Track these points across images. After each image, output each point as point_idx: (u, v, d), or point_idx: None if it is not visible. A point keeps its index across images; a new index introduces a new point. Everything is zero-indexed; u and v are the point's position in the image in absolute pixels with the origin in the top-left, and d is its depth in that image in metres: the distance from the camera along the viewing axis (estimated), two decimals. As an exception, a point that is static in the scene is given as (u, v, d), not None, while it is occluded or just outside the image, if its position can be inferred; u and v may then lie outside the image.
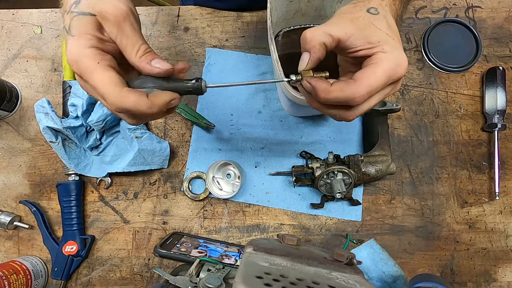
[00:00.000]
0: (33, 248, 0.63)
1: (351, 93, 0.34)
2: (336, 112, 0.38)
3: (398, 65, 0.35)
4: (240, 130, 0.65)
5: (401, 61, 0.35)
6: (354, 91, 0.34)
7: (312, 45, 0.36)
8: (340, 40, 0.36)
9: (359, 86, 0.34)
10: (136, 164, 0.60)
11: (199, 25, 0.67)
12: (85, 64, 0.33)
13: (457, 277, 0.62)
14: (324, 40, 0.35)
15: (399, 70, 0.35)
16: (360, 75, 0.35)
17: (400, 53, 0.35)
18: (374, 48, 0.35)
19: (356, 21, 0.36)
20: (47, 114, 0.57)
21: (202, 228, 0.63)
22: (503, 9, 0.67)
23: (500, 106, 0.62)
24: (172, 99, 0.35)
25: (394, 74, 0.35)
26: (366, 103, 0.36)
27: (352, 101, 0.35)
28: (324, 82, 0.35)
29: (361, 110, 0.37)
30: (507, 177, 0.64)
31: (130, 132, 0.60)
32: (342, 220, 0.63)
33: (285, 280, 0.31)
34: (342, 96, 0.35)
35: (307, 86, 0.37)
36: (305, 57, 0.37)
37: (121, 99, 0.33)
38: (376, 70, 0.35)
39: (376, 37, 0.35)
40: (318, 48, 0.36)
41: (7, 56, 0.67)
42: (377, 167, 0.58)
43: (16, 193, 0.64)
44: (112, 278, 0.62)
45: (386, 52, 0.35)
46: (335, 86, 0.35)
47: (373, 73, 0.35)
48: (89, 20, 0.34)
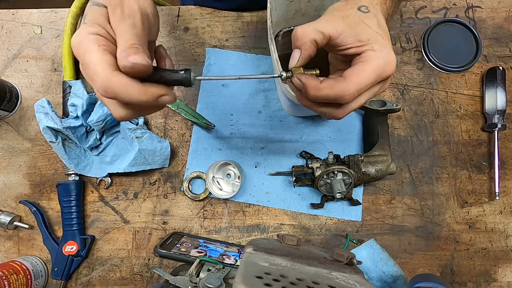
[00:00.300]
0: (33, 248, 0.63)
1: (341, 91, 0.34)
2: (326, 110, 0.38)
3: (387, 64, 0.35)
4: (240, 130, 0.65)
5: (390, 59, 0.35)
6: (343, 89, 0.34)
7: (303, 42, 0.36)
8: (331, 37, 0.36)
9: (349, 83, 0.34)
10: (137, 164, 0.60)
11: (199, 25, 0.67)
12: (85, 45, 0.32)
13: (457, 277, 0.62)
14: (315, 37, 0.35)
15: (388, 68, 0.35)
16: (349, 73, 0.35)
17: (389, 51, 0.35)
18: (364, 46, 0.35)
19: (347, 18, 0.36)
20: (47, 114, 0.57)
21: (202, 228, 0.63)
22: (503, 9, 0.67)
23: (500, 106, 0.62)
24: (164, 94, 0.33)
25: (383, 72, 0.35)
26: (356, 101, 0.37)
27: (341, 98, 0.35)
28: (314, 79, 0.35)
29: (350, 108, 0.37)
30: (507, 177, 0.64)
31: (130, 132, 0.60)
32: (342, 220, 0.63)
33: (285, 280, 0.31)
34: (332, 94, 0.35)
35: (297, 83, 0.37)
36: (296, 54, 0.37)
37: (111, 78, 0.31)
38: (365, 68, 0.35)
39: (366, 35, 0.35)
40: (309, 45, 0.36)
41: (7, 56, 0.67)
42: (377, 167, 0.58)
43: (16, 193, 0.64)
44: (112, 278, 0.62)
45: (375, 50, 0.35)
46: (324, 84, 0.35)
47: (362, 71, 0.35)
48: (101, 11, 0.34)
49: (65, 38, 0.63)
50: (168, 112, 0.65)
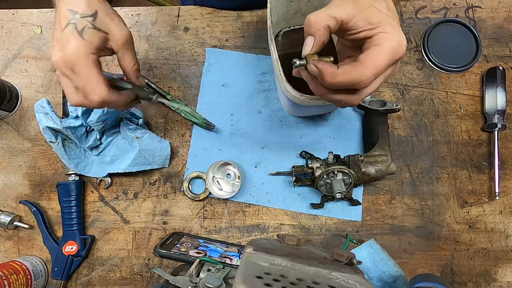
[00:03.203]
0: (33, 248, 0.63)
1: (358, 76, 0.34)
2: (341, 97, 0.38)
3: (400, 45, 0.35)
4: (240, 130, 0.65)
5: (402, 40, 0.35)
6: (361, 74, 0.34)
7: (317, 29, 0.36)
8: (343, 21, 0.36)
9: (366, 68, 0.34)
10: (137, 164, 0.60)
11: (199, 25, 0.67)
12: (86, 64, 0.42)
13: (457, 277, 0.62)
14: (328, 23, 0.35)
15: (401, 49, 0.35)
16: (365, 57, 0.35)
17: (400, 33, 0.35)
18: (376, 28, 0.35)
19: (358, 2, 0.36)
20: (46, 114, 0.57)
21: (202, 228, 0.63)
22: (503, 9, 0.67)
23: (500, 106, 0.62)
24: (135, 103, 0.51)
25: (397, 54, 0.35)
26: (371, 86, 0.36)
27: (358, 84, 0.35)
28: (331, 66, 0.35)
29: (365, 94, 0.37)
30: (507, 177, 0.64)
31: (130, 132, 0.60)
32: (342, 220, 0.63)
33: (285, 280, 0.31)
34: (349, 80, 0.35)
35: (314, 70, 0.36)
36: (309, 41, 0.37)
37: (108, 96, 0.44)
38: (380, 51, 0.35)
39: (377, 18, 0.35)
40: (323, 32, 0.36)
41: (7, 56, 0.67)
42: (377, 167, 0.58)
43: (16, 193, 0.64)
44: (112, 278, 0.62)
45: (387, 32, 0.35)
46: (342, 69, 0.35)
47: (378, 55, 0.35)
48: (101, 36, 0.42)
49: (65, 38, 0.63)
50: (168, 112, 0.65)
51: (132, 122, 0.62)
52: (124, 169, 0.60)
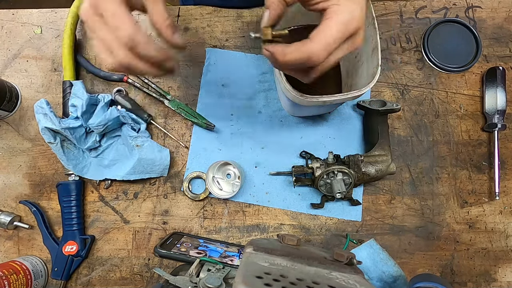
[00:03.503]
0: (33, 248, 0.63)
1: (308, 52, 0.34)
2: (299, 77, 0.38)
3: (352, 17, 0.34)
4: (240, 130, 0.65)
5: (355, 14, 0.35)
6: (310, 50, 0.34)
7: (271, 1, 0.36)
8: None
9: (315, 43, 0.34)
10: (135, 172, 0.60)
11: (199, 25, 0.67)
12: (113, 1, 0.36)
13: (457, 277, 0.62)
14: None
15: (354, 22, 0.35)
16: (315, 33, 0.35)
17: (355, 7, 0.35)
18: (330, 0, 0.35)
19: None
20: (45, 114, 0.57)
21: (202, 228, 0.63)
22: (503, 9, 0.67)
23: (500, 106, 0.62)
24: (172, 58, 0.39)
25: (349, 26, 0.35)
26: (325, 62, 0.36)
27: (311, 60, 0.35)
28: (280, 46, 0.35)
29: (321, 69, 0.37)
30: (507, 177, 0.64)
31: (131, 140, 0.60)
32: (342, 220, 0.63)
33: (285, 280, 0.31)
34: (299, 57, 0.34)
35: (266, 54, 0.37)
36: (266, 14, 0.37)
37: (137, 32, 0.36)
38: (330, 24, 0.34)
39: None
40: (277, 4, 0.36)
41: (7, 56, 0.67)
42: (377, 167, 0.58)
43: (16, 193, 0.64)
44: (112, 278, 0.62)
45: (339, 4, 0.34)
46: (291, 48, 0.35)
47: (328, 29, 0.34)
48: None
49: (65, 38, 0.63)
50: (168, 112, 0.65)
51: (133, 128, 0.62)
52: (122, 177, 0.60)
